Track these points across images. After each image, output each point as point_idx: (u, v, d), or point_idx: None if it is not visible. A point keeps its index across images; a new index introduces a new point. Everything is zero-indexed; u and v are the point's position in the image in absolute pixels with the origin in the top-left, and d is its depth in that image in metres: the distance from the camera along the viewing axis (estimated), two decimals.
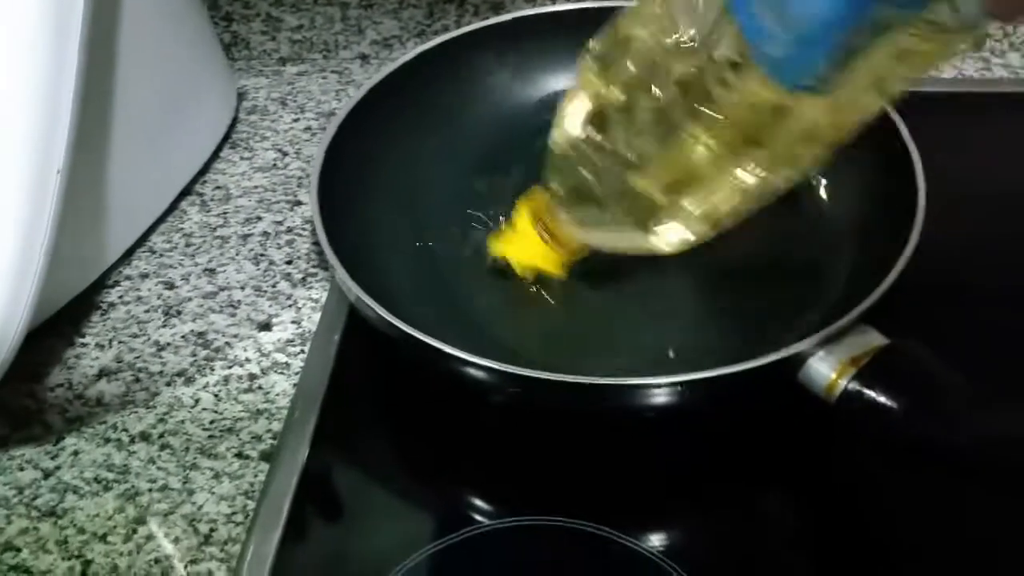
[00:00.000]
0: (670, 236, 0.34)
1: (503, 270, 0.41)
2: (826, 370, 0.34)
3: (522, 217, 0.40)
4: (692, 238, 0.34)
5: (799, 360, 0.34)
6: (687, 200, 0.33)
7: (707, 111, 0.30)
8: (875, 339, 0.34)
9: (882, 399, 0.32)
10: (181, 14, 0.50)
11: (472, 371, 0.35)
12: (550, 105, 0.50)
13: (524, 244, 0.40)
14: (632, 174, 0.33)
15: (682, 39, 0.29)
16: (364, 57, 0.61)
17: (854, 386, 0.33)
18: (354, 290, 0.37)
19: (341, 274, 0.38)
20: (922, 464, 0.33)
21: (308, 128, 0.55)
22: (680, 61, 0.30)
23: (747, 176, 0.31)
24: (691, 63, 0.30)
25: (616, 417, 0.37)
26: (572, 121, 0.35)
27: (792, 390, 0.34)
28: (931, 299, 0.40)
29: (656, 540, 0.35)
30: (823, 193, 0.45)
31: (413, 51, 0.49)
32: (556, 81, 0.52)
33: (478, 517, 0.36)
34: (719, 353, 0.38)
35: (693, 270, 0.41)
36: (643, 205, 0.33)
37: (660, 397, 0.34)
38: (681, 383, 0.33)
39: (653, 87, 0.31)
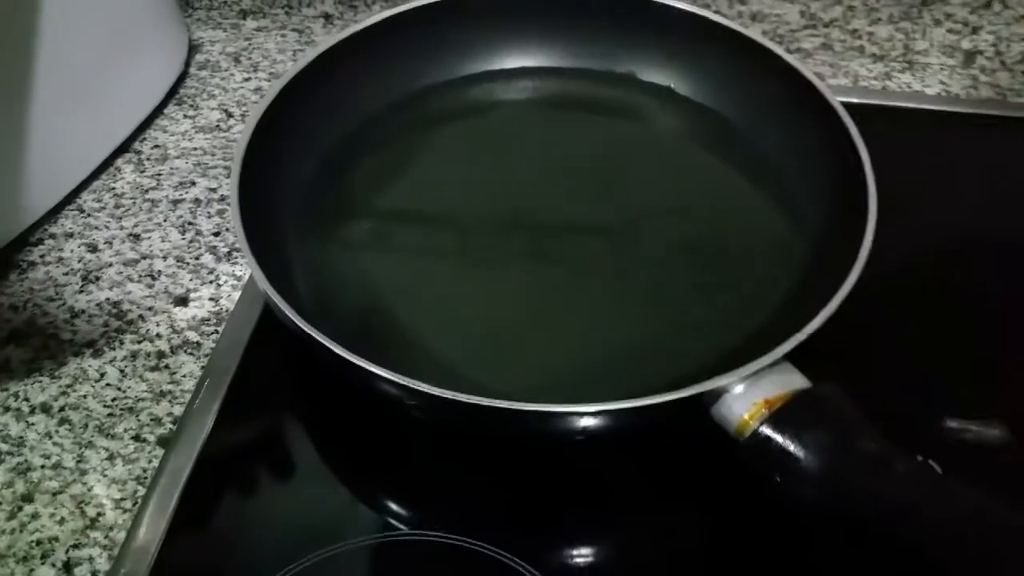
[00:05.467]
0: None
1: None
2: (740, 409, 0.32)
3: None
4: None
5: (715, 395, 0.33)
6: None
7: None
8: (795, 381, 0.32)
9: (790, 447, 0.31)
10: None
11: (380, 384, 0.33)
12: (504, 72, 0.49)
13: None
14: None
15: None
16: (327, 16, 0.58)
17: (764, 429, 0.31)
18: (266, 289, 0.34)
19: (257, 274, 0.35)
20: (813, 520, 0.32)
21: (258, 89, 0.53)
22: None
23: None
24: None
25: (515, 440, 0.36)
26: None
27: (705, 421, 0.33)
28: (867, 339, 0.38)
29: (556, 564, 0.34)
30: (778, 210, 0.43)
31: (376, 15, 0.46)
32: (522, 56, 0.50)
33: (380, 524, 0.35)
34: (630, 375, 0.37)
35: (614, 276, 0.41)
36: None
37: (562, 425, 0.33)
38: (585, 413, 0.32)
39: None
